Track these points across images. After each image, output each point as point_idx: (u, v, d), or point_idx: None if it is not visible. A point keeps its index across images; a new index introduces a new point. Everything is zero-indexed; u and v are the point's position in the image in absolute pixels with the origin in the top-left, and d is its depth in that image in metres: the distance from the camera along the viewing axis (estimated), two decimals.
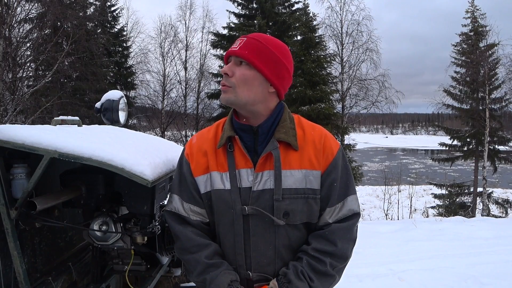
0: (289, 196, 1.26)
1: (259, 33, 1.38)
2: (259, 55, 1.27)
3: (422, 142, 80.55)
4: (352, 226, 1.32)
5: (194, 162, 1.36)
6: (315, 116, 13.37)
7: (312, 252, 1.27)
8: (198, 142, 1.39)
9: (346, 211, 1.31)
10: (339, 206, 1.31)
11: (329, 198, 1.30)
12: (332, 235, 1.28)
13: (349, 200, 1.32)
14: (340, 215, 1.31)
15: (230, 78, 1.27)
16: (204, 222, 1.37)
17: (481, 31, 18.19)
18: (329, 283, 1.30)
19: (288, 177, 1.27)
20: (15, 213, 1.45)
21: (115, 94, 2.27)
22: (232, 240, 1.30)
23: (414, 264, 4.89)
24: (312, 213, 1.30)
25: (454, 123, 22.98)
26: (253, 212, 1.27)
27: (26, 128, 1.50)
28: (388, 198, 16.68)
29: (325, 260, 1.26)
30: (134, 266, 1.84)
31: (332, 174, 1.31)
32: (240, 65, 1.28)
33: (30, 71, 12.86)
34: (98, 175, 1.64)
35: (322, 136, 1.34)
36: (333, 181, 1.30)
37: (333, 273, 1.28)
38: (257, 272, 1.30)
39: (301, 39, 15.49)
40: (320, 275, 1.26)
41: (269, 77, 1.28)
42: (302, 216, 1.29)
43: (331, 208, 1.31)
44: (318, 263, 1.26)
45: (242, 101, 1.28)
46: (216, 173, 1.31)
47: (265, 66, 1.27)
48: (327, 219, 1.30)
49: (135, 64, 20.83)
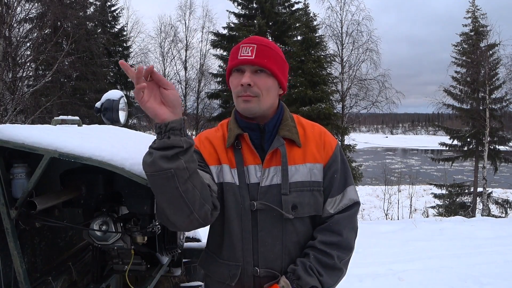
0: (295, 190, 1.30)
1: (259, 36, 1.40)
2: (275, 62, 1.31)
3: (422, 142, 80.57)
4: (353, 215, 1.37)
5: (206, 152, 1.36)
6: (315, 116, 13.37)
7: (319, 245, 1.29)
8: (207, 137, 1.41)
9: (347, 200, 1.36)
10: (340, 196, 1.36)
11: (330, 189, 1.36)
12: (337, 226, 1.32)
13: (348, 190, 1.38)
14: (341, 205, 1.35)
15: (253, 87, 1.28)
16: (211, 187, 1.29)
17: (481, 31, 18.19)
18: (337, 276, 1.31)
19: (293, 171, 1.31)
20: (15, 213, 1.45)
21: (115, 94, 2.27)
22: (240, 236, 1.31)
23: (414, 264, 4.89)
24: (318, 205, 1.34)
25: (454, 123, 23.00)
26: (261, 207, 1.29)
27: (26, 128, 1.50)
28: (388, 198, 16.70)
29: (332, 253, 1.28)
30: (134, 266, 1.84)
31: (333, 167, 1.37)
32: (258, 74, 1.29)
33: (30, 71, 12.86)
34: (98, 175, 1.64)
35: (321, 133, 1.41)
36: (334, 172, 1.36)
37: (341, 266, 1.31)
38: (264, 268, 1.30)
39: (301, 39, 15.48)
40: (328, 269, 1.28)
41: (282, 81, 1.35)
42: (310, 209, 1.32)
43: (332, 199, 1.35)
44: (326, 257, 1.28)
45: (263, 109, 1.32)
46: (227, 167, 1.33)
47: (280, 72, 1.33)
48: (329, 210, 1.34)
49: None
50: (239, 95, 1.29)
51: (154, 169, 1.06)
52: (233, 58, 1.32)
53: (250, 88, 1.27)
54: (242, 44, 1.32)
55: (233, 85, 1.32)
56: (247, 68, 1.29)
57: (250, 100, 1.28)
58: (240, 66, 1.30)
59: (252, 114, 1.31)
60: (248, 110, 1.29)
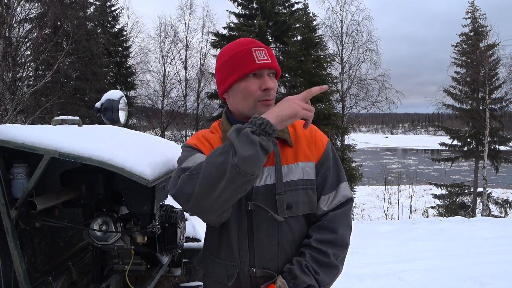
0: (289, 189, 1.31)
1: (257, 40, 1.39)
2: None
3: (422, 142, 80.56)
4: (347, 212, 1.37)
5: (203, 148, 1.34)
6: (315, 116, 13.32)
7: (314, 244, 1.29)
8: (205, 136, 1.40)
9: (340, 197, 1.37)
10: (333, 193, 1.36)
11: (323, 187, 1.36)
12: (331, 223, 1.32)
13: (341, 187, 1.38)
14: (335, 202, 1.36)
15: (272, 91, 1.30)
16: None
17: (481, 31, 18.20)
18: (333, 274, 1.31)
19: (287, 171, 1.32)
20: (15, 213, 1.45)
21: (115, 94, 2.27)
22: (236, 236, 1.31)
23: (414, 264, 4.89)
24: (312, 203, 1.34)
25: (454, 123, 23.02)
26: (255, 208, 1.29)
27: (26, 128, 1.50)
28: (388, 198, 16.70)
29: (328, 251, 1.28)
30: (134, 266, 1.85)
31: (325, 164, 1.38)
32: (271, 77, 1.32)
33: (30, 71, 12.86)
34: (98, 175, 1.64)
35: (312, 131, 1.42)
36: (326, 170, 1.37)
37: (337, 263, 1.31)
38: (261, 268, 1.30)
39: (301, 39, 15.48)
40: (324, 267, 1.28)
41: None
42: (304, 207, 1.33)
43: (325, 196, 1.36)
44: (321, 255, 1.28)
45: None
46: None
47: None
48: (323, 208, 1.35)
49: (135, 64, 20.85)
50: (259, 99, 1.28)
51: (252, 170, 1.05)
52: (247, 63, 1.27)
53: (271, 92, 1.29)
54: (254, 47, 1.30)
55: (251, 91, 1.28)
56: (265, 72, 1.29)
57: (271, 104, 1.30)
58: (259, 71, 1.29)
59: None
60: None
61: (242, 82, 1.29)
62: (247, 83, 1.28)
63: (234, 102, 1.34)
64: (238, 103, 1.32)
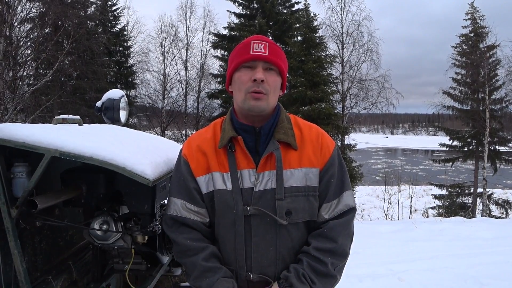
0: (290, 195, 1.27)
1: (264, 36, 1.39)
2: (283, 62, 1.31)
3: (422, 142, 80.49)
4: (349, 221, 1.34)
5: (194, 162, 1.34)
6: (315, 116, 13.36)
7: (313, 252, 1.27)
8: (196, 142, 1.38)
9: (342, 206, 1.33)
10: (336, 201, 1.33)
11: (326, 194, 1.32)
12: (331, 232, 1.29)
13: (345, 196, 1.34)
14: (337, 210, 1.32)
15: (264, 84, 1.26)
16: (204, 223, 1.36)
17: (481, 32, 18.18)
18: (330, 284, 1.29)
19: (289, 176, 1.28)
20: (16, 212, 1.45)
21: (116, 93, 2.27)
22: (233, 241, 1.29)
23: (414, 264, 4.89)
24: (313, 210, 1.31)
25: (454, 124, 22.98)
26: (255, 213, 1.26)
27: (27, 127, 1.50)
28: (388, 198, 16.69)
29: (326, 260, 1.26)
30: (135, 265, 1.84)
31: (330, 171, 1.33)
32: (268, 71, 1.28)
33: (31, 70, 12.85)
34: (99, 174, 1.64)
35: (319, 135, 1.37)
36: (331, 177, 1.33)
37: (335, 273, 1.28)
38: (258, 273, 1.29)
39: (301, 39, 15.48)
40: (321, 276, 1.26)
41: (285, 81, 1.35)
42: (304, 214, 1.30)
43: (328, 204, 1.32)
44: (319, 264, 1.26)
45: (270, 107, 1.30)
46: (218, 174, 1.31)
47: (286, 72, 1.34)
48: (324, 216, 1.31)
49: (136, 64, 20.84)
50: (249, 91, 1.25)
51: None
52: (243, 53, 1.28)
53: (262, 85, 1.25)
54: (253, 40, 1.28)
55: (242, 81, 1.27)
56: (260, 64, 1.26)
57: (261, 98, 1.25)
58: (252, 62, 1.27)
59: (260, 112, 1.28)
60: (258, 107, 1.26)
61: (237, 73, 1.30)
62: (241, 74, 1.28)
63: (234, 95, 1.34)
64: (235, 95, 1.32)
